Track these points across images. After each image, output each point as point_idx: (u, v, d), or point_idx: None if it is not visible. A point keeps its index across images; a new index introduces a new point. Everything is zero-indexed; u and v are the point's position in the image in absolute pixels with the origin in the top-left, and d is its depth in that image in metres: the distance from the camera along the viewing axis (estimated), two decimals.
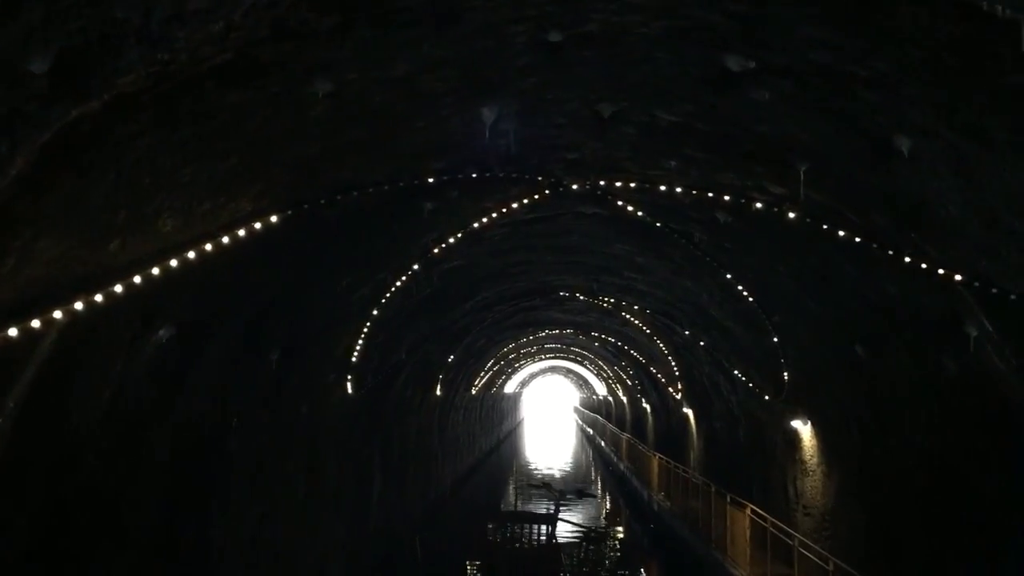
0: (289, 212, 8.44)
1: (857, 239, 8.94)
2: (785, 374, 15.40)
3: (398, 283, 13.76)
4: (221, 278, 8.93)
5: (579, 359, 50.62)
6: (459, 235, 12.56)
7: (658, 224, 12.15)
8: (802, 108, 7.16)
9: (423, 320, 18.95)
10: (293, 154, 7.57)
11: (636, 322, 24.85)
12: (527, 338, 34.97)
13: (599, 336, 32.61)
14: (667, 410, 32.58)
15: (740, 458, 21.58)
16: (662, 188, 10.46)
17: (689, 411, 27.79)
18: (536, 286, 21.28)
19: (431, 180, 9.68)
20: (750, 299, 13.55)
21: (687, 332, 20.77)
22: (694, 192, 10.24)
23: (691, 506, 22.84)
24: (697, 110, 7.92)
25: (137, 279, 7.08)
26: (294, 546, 14.52)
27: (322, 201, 8.74)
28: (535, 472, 46.33)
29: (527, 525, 22.04)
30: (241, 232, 8.02)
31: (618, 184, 10.79)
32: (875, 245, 8.85)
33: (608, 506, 35.19)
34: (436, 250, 12.97)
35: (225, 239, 7.85)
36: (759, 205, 9.76)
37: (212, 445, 11.19)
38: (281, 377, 12.62)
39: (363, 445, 19.80)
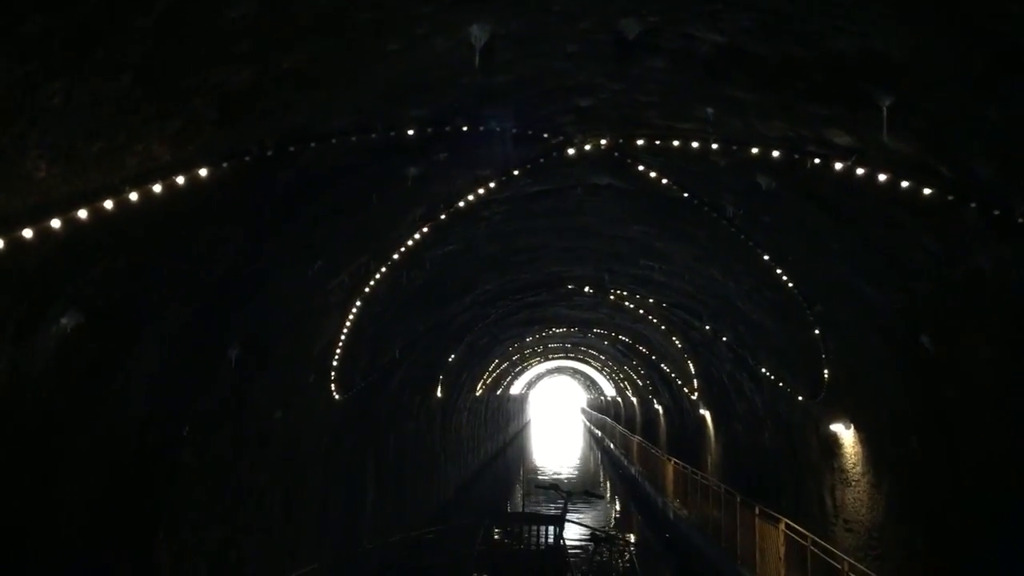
0: (225, 165, 6.50)
1: (949, 197, 6.97)
2: (825, 372, 13.42)
3: (383, 269, 11.83)
4: (143, 251, 6.99)
5: (587, 359, 48.65)
6: (451, 210, 10.62)
7: (685, 195, 10.18)
8: (903, 3, 5.20)
9: (417, 315, 17.01)
10: (214, 81, 5.62)
11: (650, 318, 22.88)
12: (533, 336, 33.02)
13: (609, 334, 30.65)
14: (681, 412, 30.59)
15: (766, 464, 19.59)
16: (694, 145, 8.49)
17: (706, 413, 25.81)
18: (542, 278, 19.33)
19: (411, 132, 7.74)
20: (790, 285, 11.58)
21: (708, 327, 18.80)
22: (734, 148, 8.27)
23: (711, 515, 20.84)
24: (754, 22, 5.95)
25: None
26: (267, 574, 12.58)
27: (269, 153, 6.80)
28: (542, 476, 44.42)
29: (533, 526, 20.54)
30: (157, 187, 6.07)
31: (640, 142, 8.83)
32: (973, 205, 6.88)
33: (619, 511, 33.20)
34: (426, 228, 11.03)
35: (134, 195, 5.92)
36: (816, 161, 7.79)
37: (155, 459, 9.26)
38: (245, 377, 10.69)
39: (354, 454, 17.86)
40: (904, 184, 7.23)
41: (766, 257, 11.15)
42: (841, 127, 7.20)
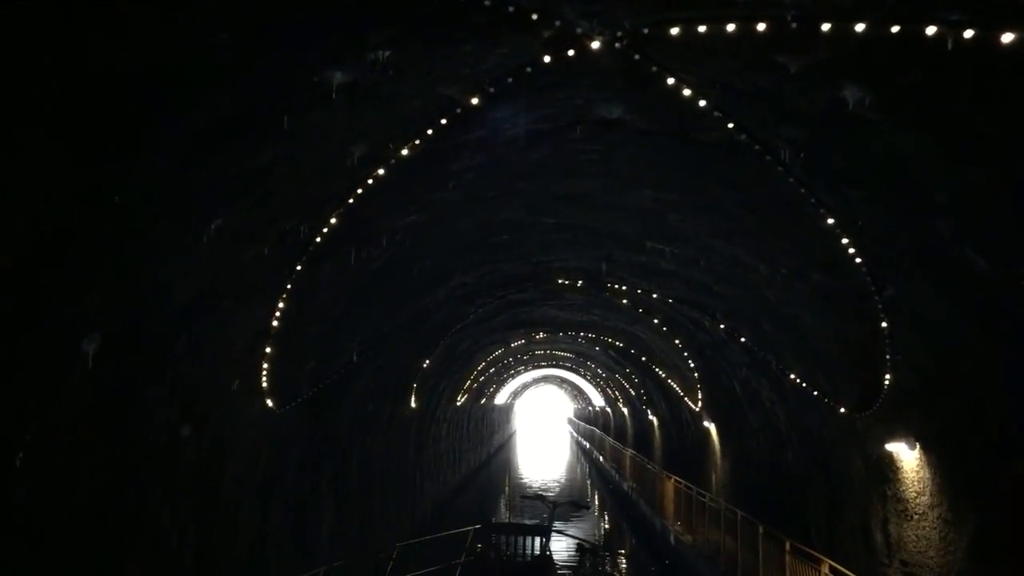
0: None
1: None
2: (886, 377, 10.43)
3: (318, 239, 8.76)
4: None
5: (575, 367, 45.61)
6: (404, 151, 7.58)
7: (730, 125, 7.17)
8: None
9: (379, 309, 13.94)
10: None
11: (650, 318, 19.86)
12: (518, 342, 29.94)
13: (600, 339, 27.62)
14: (680, 424, 27.57)
15: (788, 487, 16.58)
16: (760, 29, 5.52)
17: (711, 425, 22.79)
18: (527, 269, 16.29)
19: None
20: (857, 260, 8.58)
21: (722, 326, 15.79)
22: (824, 29, 5.28)
23: (722, 544, 17.83)
24: None
25: None
26: None
27: None
28: (528, 488, 41.32)
29: (519, 537, 19.55)
30: None
31: (674, 31, 5.83)
32: None
33: (610, 527, 30.07)
34: (371, 181, 7.98)
35: None
36: (969, 34, 4.82)
37: None
38: (112, 381, 7.58)
39: (302, 475, 14.74)
40: None
41: (830, 221, 8.14)
42: None
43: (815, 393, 13.38)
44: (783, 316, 12.76)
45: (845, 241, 8.34)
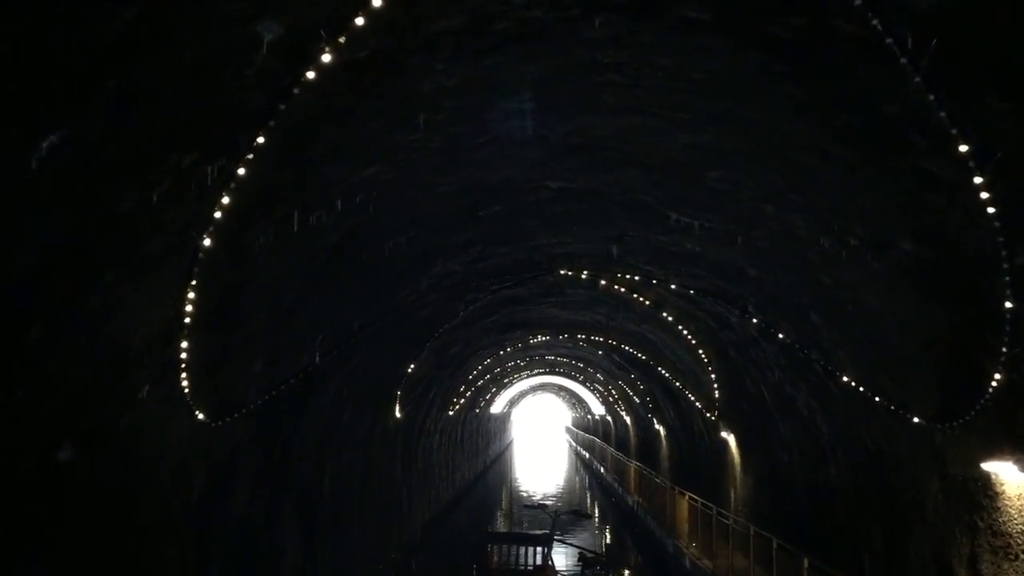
0: None
1: None
2: (996, 377, 7.88)
3: (233, 185, 6.19)
4: None
5: (575, 373, 43.02)
6: (342, 39, 5.02)
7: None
8: None
9: (345, 299, 11.37)
10: None
11: (664, 314, 17.31)
12: (514, 346, 27.35)
13: (605, 341, 25.04)
14: (691, 434, 24.96)
15: (831, 510, 13.98)
16: None
17: (729, 436, 20.20)
18: (524, 255, 13.73)
19: None
20: (988, 209, 6.03)
21: (755, 320, 13.23)
22: None
23: (753, 573, 15.26)
24: None
25: None
26: None
27: None
28: (528, 501, 38.77)
29: (520, 547, 19.61)
30: None
31: None
32: None
33: (621, 554, 27.39)
34: (297, 90, 5.42)
35: None
36: None
37: None
38: None
39: (255, 503, 12.14)
40: None
41: (963, 148, 5.58)
42: None
43: (876, 399, 10.81)
44: (841, 304, 10.20)
45: (978, 181, 5.77)
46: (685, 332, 17.74)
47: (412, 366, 18.80)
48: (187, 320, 7.46)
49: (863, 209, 7.68)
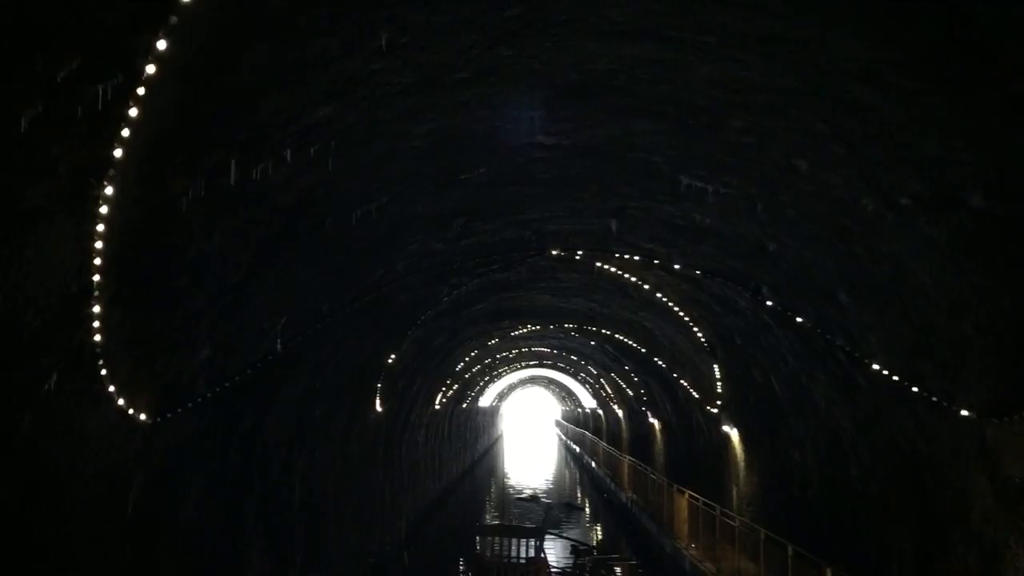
0: None
1: None
2: None
3: (133, 111, 4.74)
4: None
5: (566, 366, 41.64)
6: None
7: None
8: None
9: (307, 276, 9.90)
10: None
11: (662, 298, 15.91)
12: (503, 337, 25.91)
13: (598, 331, 23.64)
14: (689, 428, 23.58)
15: (851, 512, 12.59)
16: None
17: (732, 431, 18.83)
18: (512, 233, 12.30)
19: None
20: None
21: (769, 303, 11.84)
22: None
23: None
24: None
25: None
26: None
27: None
28: (521, 493, 37.44)
29: (512, 540, 19.33)
30: None
31: None
32: None
33: (609, 539, 26.00)
34: None
35: None
36: None
37: None
38: None
39: (213, 507, 10.67)
40: None
41: None
42: None
43: (914, 389, 9.42)
44: (876, 281, 8.80)
45: None
46: (686, 319, 16.35)
47: (393, 356, 17.36)
48: (96, 294, 5.99)
49: (924, 158, 6.27)
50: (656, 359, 22.06)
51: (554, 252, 13.64)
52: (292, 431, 13.43)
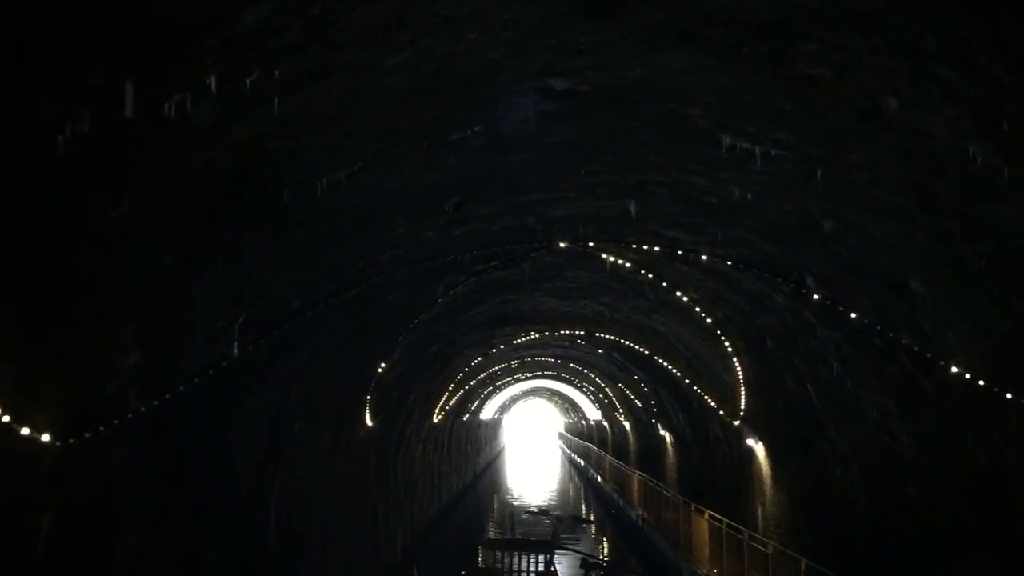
0: None
1: None
2: None
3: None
4: None
5: (569, 376, 39.82)
6: None
7: None
8: None
9: (266, 265, 8.14)
10: None
11: (680, 295, 14.12)
12: (504, 344, 24.10)
13: (606, 337, 21.85)
14: (705, 441, 21.76)
15: (911, 540, 10.77)
16: None
17: (757, 445, 17.03)
18: (512, 220, 10.56)
19: None
20: None
21: (816, 296, 10.06)
22: None
23: None
24: None
25: None
26: None
27: None
28: (525, 511, 35.60)
29: (522, 553, 18.83)
30: None
31: None
32: None
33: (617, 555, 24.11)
34: None
35: None
36: None
37: None
38: None
39: (159, 544, 8.85)
40: None
41: None
42: None
43: (1008, 396, 7.65)
44: (970, 262, 7.04)
45: None
46: (708, 320, 14.59)
47: (383, 365, 15.57)
48: None
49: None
50: (669, 365, 20.26)
51: (562, 244, 11.88)
52: (264, 450, 11.64)
